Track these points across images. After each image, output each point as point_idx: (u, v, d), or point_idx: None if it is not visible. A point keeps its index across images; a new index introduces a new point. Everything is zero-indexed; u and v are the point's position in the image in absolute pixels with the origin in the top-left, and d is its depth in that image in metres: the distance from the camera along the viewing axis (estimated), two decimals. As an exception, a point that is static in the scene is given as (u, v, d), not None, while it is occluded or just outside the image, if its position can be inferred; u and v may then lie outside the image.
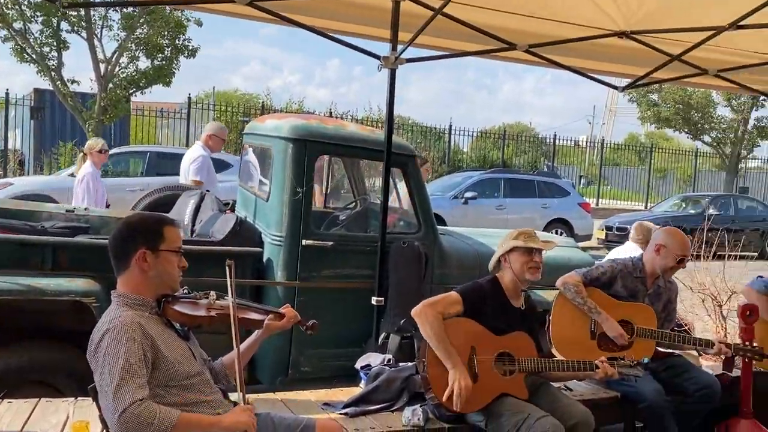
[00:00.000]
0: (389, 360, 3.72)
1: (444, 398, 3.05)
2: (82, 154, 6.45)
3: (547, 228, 13.96)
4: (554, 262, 4.61)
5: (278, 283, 4.12)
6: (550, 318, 3.78)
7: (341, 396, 3.49)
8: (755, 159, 29.93)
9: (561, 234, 12.95)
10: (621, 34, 4.25)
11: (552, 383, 3.43)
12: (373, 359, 3.76)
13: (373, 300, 4.10)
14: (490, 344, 3.16)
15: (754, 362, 3.79)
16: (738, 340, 3.92)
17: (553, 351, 3.74)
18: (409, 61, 4.07)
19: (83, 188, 6.09)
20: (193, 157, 6.12)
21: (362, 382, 3.65)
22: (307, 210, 4.15)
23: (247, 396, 2.36)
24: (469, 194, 13.89)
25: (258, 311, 2.67)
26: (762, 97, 23.37)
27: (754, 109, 24.89)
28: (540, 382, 3.36)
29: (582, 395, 3.67)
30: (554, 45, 4.39)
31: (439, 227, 4.68)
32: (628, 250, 5.36)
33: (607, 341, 3.69)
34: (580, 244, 10.41)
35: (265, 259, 4.21)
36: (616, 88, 5.20)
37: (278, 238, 4.14)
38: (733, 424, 3.84)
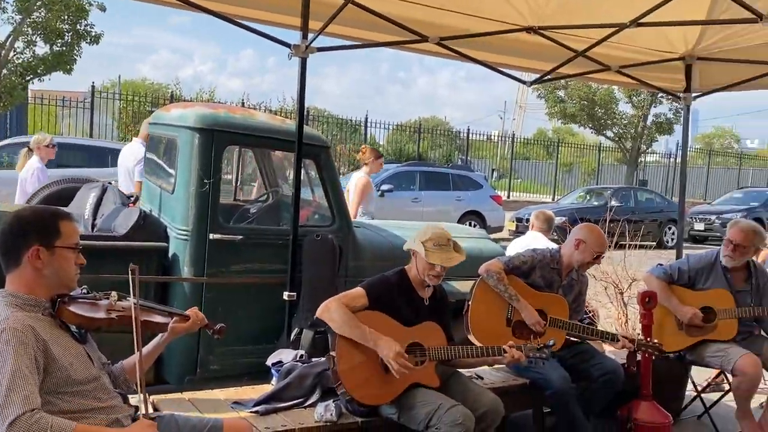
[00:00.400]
0: (302, 356, 3.66)
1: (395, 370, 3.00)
2: (27, 149, 6.29)
3: (460, 220, 14.23)
4: (468, 253, 4.65)
5: (184, 280, 3.96)
6: (470, 304, 3.83)
7: (252, 394, 3.39)
8: (654, 153, 31.63)
9: (474, 225, 13.23)
10: (529, 29, 4.33)
11: (463, 373, 3.47)
12: (285, 355, 3.68)
13: (285, 295, 4.01)
14: (400, 335, 3.15)
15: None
16: (638, 326, 4.10)
17: (470, 338, 3.79)
18: (320, 50, 4.00)
19: (33, 183, 5.87)
20: (138, 157, 5.81)
21: (274, 379, 3.57)
22: (214, 203, 4.01)
23: (151, 397, 2.24)
24: (385, 187, 13.95)
25: (162, 314, 2.55)
26: (660, 94, 24.72)
27: (653, 105, 26.29)
28: (451, 372, 3.38)
29: (492, 383, 3.73)
30: (465, 38, 4.43)
31: (353, 220, 4.64)
32: (530, 238, 5.52)
33: (521, 329, 3.78)
34: (492, 236, 10.66)
35: (170, 255, 4.04)
36: (524, 82, 5.31)
37: (184, 233, 3.97)
38: (635, 407, 4.00)
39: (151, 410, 2.75)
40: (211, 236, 3.96)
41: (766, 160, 36.82)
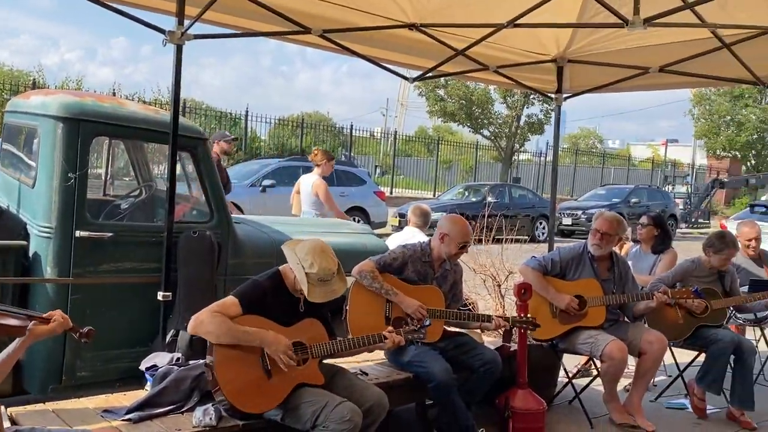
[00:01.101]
0: (178, 359, 3.48)
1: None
2: None
3: (346, 215, 14.22)
4: (351, 248, 4.65)
5: (47, 280, 3.65)
6: (347, 307, 3.82)
7: (124, 401, 3.18)
8: (526, 152, 33.28)
9: (358, 221, 13.27)
10: (411, 26, 4.38)
11: (348, 369, 3.44)
12: (160, 359, 3.48)
13: (160, 295, 3.80)
14: None
15: (528, 332, 4.13)
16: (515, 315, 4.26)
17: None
18: (197, 37, 3.81)
19: None
20: None
21: (148, 384, 3.37)
22: (81, 198, 3.71)
23: (9, 410, 2.03)
24: (267, 182, 13.68)
25: (18, 316, 2.32)
26: (532, 96, 26.02)
27: (526, 106, 27.63)
28: (335, 370, 3.35)
29: (377, 378, 3.74)
30: (348, 32, 4.40)
31: (234, 216, 4.48)
32: (408, 233, 5.59)
33: (400, 324, 3.79)
34: (376, 231, 10.73)
35: (31, 254, 3.71)
36: (407, 78, 5.36)
37: (47, 230, 3.66)
38: (512, 395, 4.16)
39: (8, 424, 2.52)
40: (77, 233, 3.67)
41: (625, 160, 39.76)
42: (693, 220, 25.13)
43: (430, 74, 5.03)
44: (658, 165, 37.81)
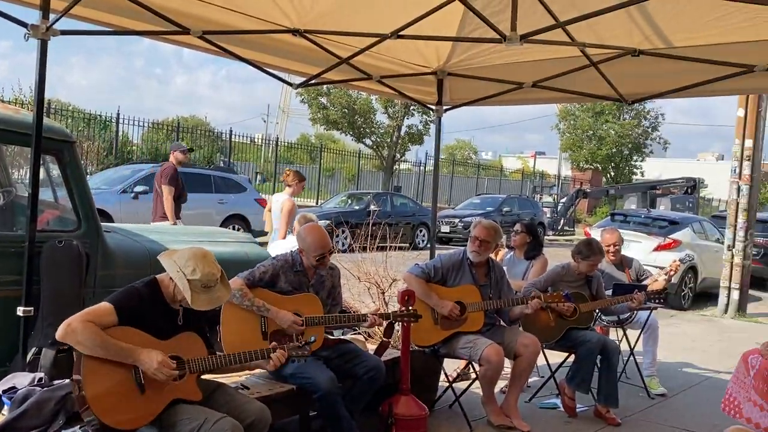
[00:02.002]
0: (41, 379, 3.20)
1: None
2: None
3: (224, 223, 13.82)
4: (232, 258, 4.51)
5: None
6: (220, 328, 3.69)
7: (-25, 429, 2.88)
8: (406, 161, 33.97)
9: (238, 229, 12.95)
10: (295, 32, 4.32)
11: (228, 384, 3.32)
12: (20, 380, 3.19)
13: (20, 310, 3.48)
14: (156, 350, 2.91)
15: (411, 332, 4.16)
16: (399, 324, 4.30)
17: None
18: (63, 33, 3.54)
19: None
20: None
21: (5, 408, 3.07)
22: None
23: None
24: (139, 188, 13.01)
25: None
26: (412, 107, 26.62)
27: (406, 117, 28.22)
28: (215, 385, 3.22)
29: (259, 392, 3.63)
30: (230, 34, 4.27)
31: (103, 224, 4.20)
32: (291, 241, 5.52)
33: (279, 338, 3.72)
34: (258, 240, 10.50)
35: None
36: (291, 84, 5.29)
37: None
38: (395, 401, 4.19)
39: None
40: None
41: (498, 171, 41.60)
42: (559, 227, 26.68)
43: (313, 81, 4.98)
44: (527, 176, 39.91)
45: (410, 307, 4.11)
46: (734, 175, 10.63)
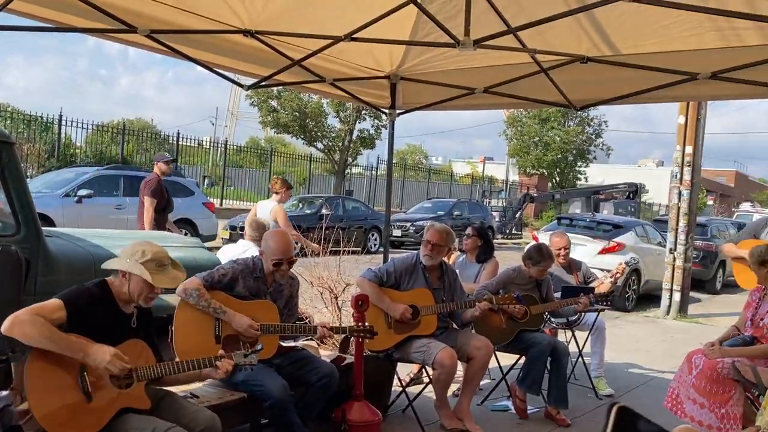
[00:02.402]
0: (-24, 391, 3.04)
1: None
2: None
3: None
4: (180, 262, 4.39)
5: None
6: (173, 329, 3.60)
7: None
8: (358, 166, 33.95)
9: (186, 234, 12.66)
10: (246, 33, 4.24)
11: (176, 392, 3.23)
12: (-47, 393, 3.02)
13: (-46, 319, 3.30)
14: None
15: (366, 341, 4.13)
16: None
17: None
18: (1, 28, 3.39)
19: None
20: None
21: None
22: None
23: None
24: (83, 192, 12.62)
25: None
26: (364, 111, 26.64)
27: (358, 121, 28.21)
28: (163, 393, 3.13)
29: (209, 401, 3.54)
30: (179, 34, 4.16)
31: (45, 228, 4.04)
32: (241, 247, 5.44)
33: (232, 343, 3.65)
34: (206, 244, 10.30)
35: None
36: (242, 86, 5.21)
37: None
38: (348, 408, 4.15)
39: None
40: None
41: (448, 175, 41.99)
42: (508, 231, 27.10)
43: (265, 83, 4.91)
44: (476, 180, 40.43)
45: (366, 324, 4.07)
46: (675, 180, 10.97)
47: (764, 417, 3.05)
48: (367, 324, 4.06)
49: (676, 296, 10.87)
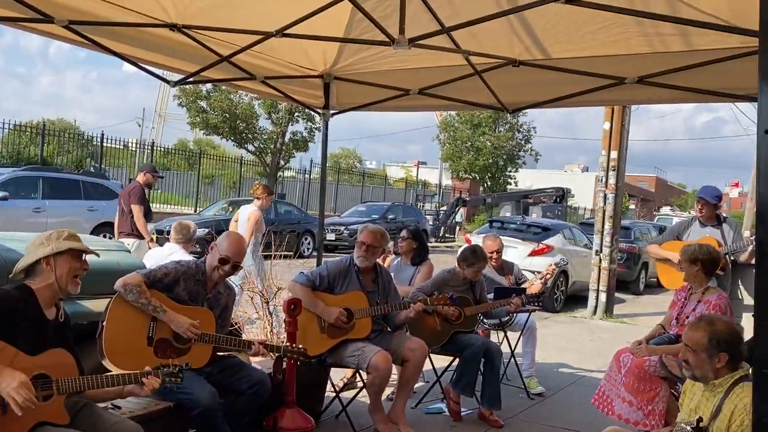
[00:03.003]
0: None
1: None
2: None
3: (93, 232, 12.98)
4: (102, 267, 4.15)
5: None
6: (104, 324, 3.41)
7: None
8: (290, 169, 33.57)
9: (109, 238, 12.17)
10: (172, 27, 4.07)
11: (96, 404, 3.03)
12: None
13: None
14: (24, 366, 2.61)
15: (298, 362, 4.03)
16: (285, 333, 4.14)
17: (105, 363, 3.36)
18: None
19: None
20: None
21: None
22: None
23: None
24: (-1, 193, 11.98)
25: None
26: (297, 113, 26.38)
27: (291, 123, 27.90)
28: (82, 404, 2.93)
29: (132, 411, 3.36)
30: (100, 26, 3.96)
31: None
32: (167, 250, 5.26)
33: (164, 347, 3.52)
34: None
35: None
36: (168, 82, 5.01)
37: None
38: (280, 415, 4.04)
39: None
40: None
41: (382, 179, 42.15)
42: (441, 234, 27.39)
43: (192, 79, 4.74)
44: (410, 184, 40.70)
45: (300, 346, 3.95)
46: (601, 185, 11.32)
47: (682, 413, 3.13)
48: (300, 346, 3.95)
49: (603, 297, 11.20)
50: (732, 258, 5.37)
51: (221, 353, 3.82)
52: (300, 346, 3.94)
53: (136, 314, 3.50)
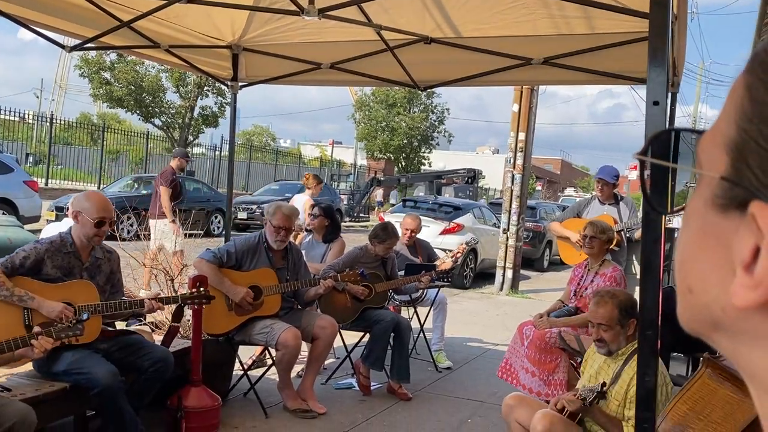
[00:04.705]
0: None
1: None
2: None
3: (-14, 208, 12.16)
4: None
5: None
6: None
7: None
8: (200, 146, 32.60)
9: (4, 214, 11.43)
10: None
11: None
12: None
13: None
14: None
15: (202, 308, 3.92)
16: (189, 313, 4.03)
17: None
18: None
19: None
20: None
21: None
22: None
23: None
24: None
25: None
26: (206, 87, 25.61)
27: (200, 98, 27.04)
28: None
29: (23, 394, 3.17)
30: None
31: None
32: (66, 225, 5.01)
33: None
34: (27, 226, 9.37)
35: None
36: (64, 47, 4.71)
37: None
38: (185, 394, 3.93)
39: None
40: None
41: (297, 158, 41.73)
42: (356, 214, 27.44)
43: (90, 45, 4.48)
44: (325, 164, 40.48)
45: (201, 288, 3.85)
46: (509, 165, 11.64)
47: (583, 379, 3.29)
48: (202, 288, 3.82)
49: (509, 273, 11.58)
50: (627, 235, 5.66)
51: (119, 329, 3.67)
52: (202, 289, 3.82)
53: (5, 307, 3.27)
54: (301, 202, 7.66)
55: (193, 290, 3.79)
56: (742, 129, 0.43)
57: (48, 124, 25.32)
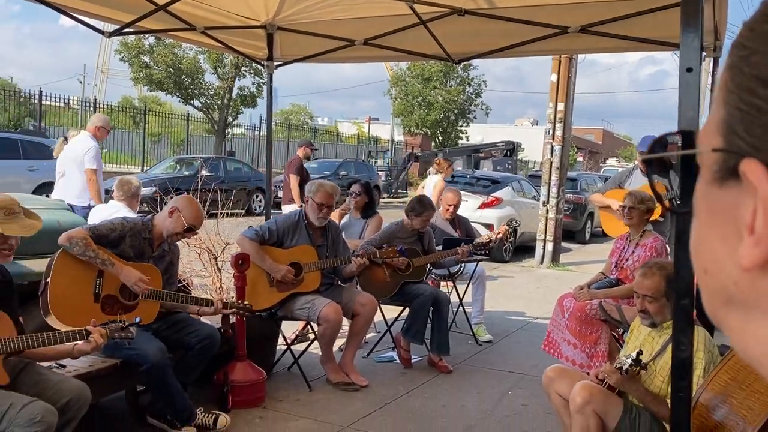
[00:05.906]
0: None
1: None
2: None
3: (36, 192, 12.56)
4: (43, 226, 4.05)
5: None
6: (49, 280, 3.34)
7: None
8: (240, 126, 32.92)
9: (48, 196, 11.79)
10: (106, -27, 3.90)
11: (38, 364, 2.99)
12: None
13: None
14: None
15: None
16: (233, 288, 4.13)
17: (50, 321, 3.30)
18: None
19: None
20: (86, 147, 6.72)
21: None
22: None
23: None
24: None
25: None
26: (243, 68, 25.77)
27: (237, 78, 27.22)
28: (23, 364, 2.89)
29: (77, 370, 3.32)
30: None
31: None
32: (111, 208, 5.15)
33: (111, 303, 3.48)
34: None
35: None
36: (103, 33, 4.81)
37: None
38: (231, 369, 4.05)
39: None
40: None
41: (334, 135, 41.78)
42: (393, 190, 27.46)
43: (128, 30, 4.56)
44: (362, 141, 40.48)
45: (245, 302, 3.97)
46: (548, 137, 11.47)
47: (626, 350, 3.26)
48: (246, 303, 3.96)
49: (549, 246, 11.47)
50: (678, 202, 5.54)
51: (169, 309, 3.79)
52: (245, 302, 3.95)
53: (81, 270, 3.43)
54: (433, 182, 8.32)
55: (238, 302, 3.96)
56: (728, 104, 0.45)
57: (91, 108, 25.91)
